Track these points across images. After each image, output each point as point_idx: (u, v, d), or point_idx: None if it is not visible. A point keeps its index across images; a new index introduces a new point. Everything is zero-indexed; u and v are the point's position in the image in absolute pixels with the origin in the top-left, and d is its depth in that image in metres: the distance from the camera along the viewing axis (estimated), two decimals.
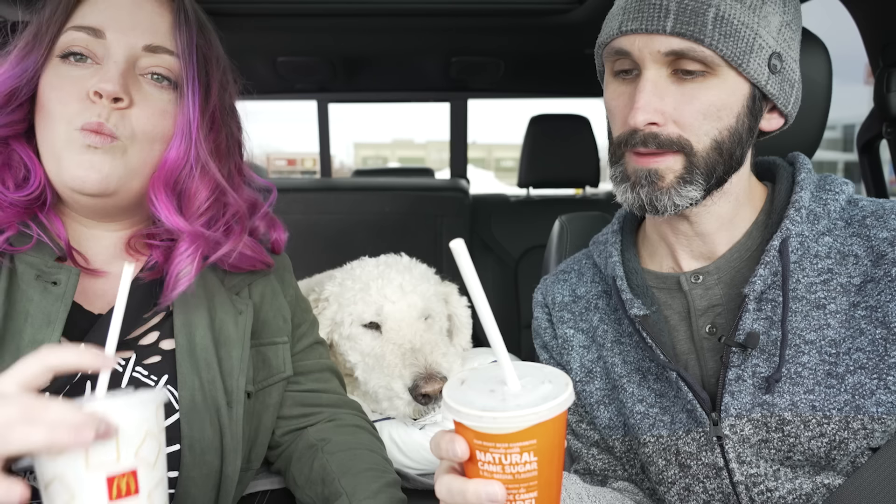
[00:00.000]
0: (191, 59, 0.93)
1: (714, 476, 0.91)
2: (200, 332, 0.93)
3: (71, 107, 0.87)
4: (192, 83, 0.93)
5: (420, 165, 9.46)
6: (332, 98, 3.54)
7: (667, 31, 0.82)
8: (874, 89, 1.48)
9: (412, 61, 2.76)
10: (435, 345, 1.23)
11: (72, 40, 0.89)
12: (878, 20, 1.45)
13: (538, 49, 2.43)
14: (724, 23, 0.82)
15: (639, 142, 0.86)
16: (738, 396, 0.88)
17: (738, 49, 0.83)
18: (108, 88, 0.86)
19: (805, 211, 0.90)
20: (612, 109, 0.92)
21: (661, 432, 0.95)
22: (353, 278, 1.33)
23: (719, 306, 0.93)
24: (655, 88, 0.84)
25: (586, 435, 1.06)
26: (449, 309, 1.41)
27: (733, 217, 0.94)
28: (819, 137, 1.18)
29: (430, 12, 1.97)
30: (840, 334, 0.85)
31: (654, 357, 0.93)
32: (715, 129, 0.85)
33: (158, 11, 0.93)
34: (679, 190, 0.86)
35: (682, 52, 0.82)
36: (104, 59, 0.89)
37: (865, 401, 0.82)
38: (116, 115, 0.88)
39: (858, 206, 0.91)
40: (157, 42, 0.91)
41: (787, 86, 0.89)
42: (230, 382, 0.95)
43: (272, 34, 2.25)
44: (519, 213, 2.80)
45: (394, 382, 1.18)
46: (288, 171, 12.71)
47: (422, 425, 1.22)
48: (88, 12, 0.90)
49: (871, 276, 0.85)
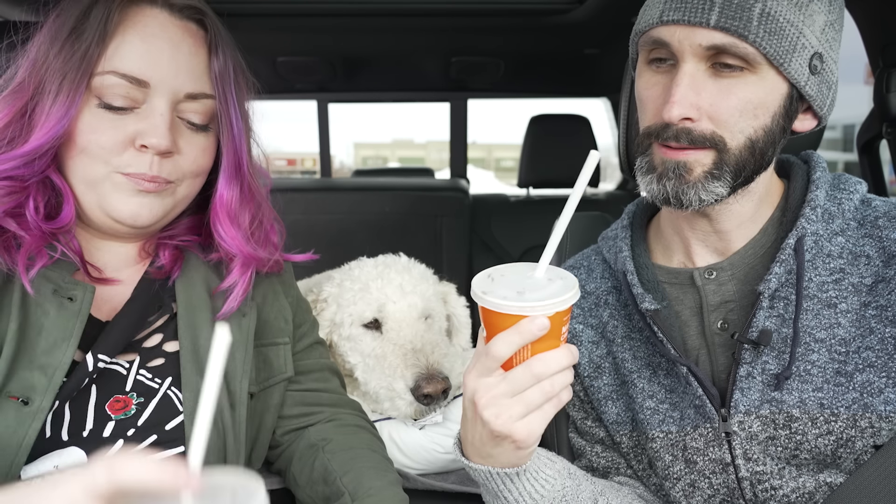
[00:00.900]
0: (231, 98, 0.95)
1: (720, 472, 0.91)
2: (204, 334, 0.94)
3: (113, 151, 0.87)
4: (237, 121, 0.96)
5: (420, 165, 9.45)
6: (332, 98, 3.54)
7: (710, 24, 0.79)
8: (874, 89, 1.48)
9: (412, 61, 2.77)
10: (436, 345, 1.23)
11: (110, 87, 0.86)
12: (878, 20, 1.45)
13: (538, 49, 2.43)
14: (769, 19, 0.79)
15: (671, 136, 0.84)
16: (747, 393, 0.88)
17: (781, 47, 0.80)
18: (162, 145, 0.87)
19: (820, 210, 0.89)
20: (644, 99, 0.90)
21: (671, 428, 0.95)
22: (351, 279, 1.32)
23: (732, 302, 0.93)
24: (693, 82, 0.82)
25: (591, 432, 1.06)
26: (448, 309, 1.41)
27: (754, 215, 0.93)
28: (819, 137, 1.18)
29: (430, 12, 1.97)
30: (850, 333, 0.85)
31: (665, 352, 0.92)
32: (751, 127, 0.83)
33: (195, 51, 0.92)
34: (706, 185, 0.84)
35: (724, 47, 0.79)
36: (144, 105, 0.88)
37: (874, 399, 0.82)
38: (166, 164, 0.89)
39: (871, 207, 0.91)
40: (199, 89, 0.92)
41: (826, 87, 0.86)
42: (233, 385, 0.95)
43: (272, 34, 2.25)
44: (519, 213, 2.80)
45: (395, 383, 1.18)
46: (288, 171, 12.70)
47: (422, 425, 1.22)
48: (126, 54, 0.86)
49: (883, 277, 0.85)
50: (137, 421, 0.86)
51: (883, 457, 0.82)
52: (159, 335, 0.94)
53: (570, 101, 3.58)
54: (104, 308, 0.93)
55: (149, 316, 0.95)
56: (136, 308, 0.93)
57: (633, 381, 0.99)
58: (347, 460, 1.00)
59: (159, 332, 0.95)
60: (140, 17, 0.88)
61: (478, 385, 0.73)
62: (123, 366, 0.90)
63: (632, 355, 1.00)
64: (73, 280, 0.87)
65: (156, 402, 0.89)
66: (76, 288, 0.86)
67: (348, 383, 1.30)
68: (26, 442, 0.78)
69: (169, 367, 0.92)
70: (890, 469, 0.81)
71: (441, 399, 1.17)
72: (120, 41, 0.87)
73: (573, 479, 0.90)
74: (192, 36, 0.92)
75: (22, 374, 0.80)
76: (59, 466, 0.81)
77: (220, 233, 0.98)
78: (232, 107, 0.95)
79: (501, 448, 0.76)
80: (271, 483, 1.12)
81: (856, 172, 1.34)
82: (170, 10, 0.91)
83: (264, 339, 1.04)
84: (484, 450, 0.78)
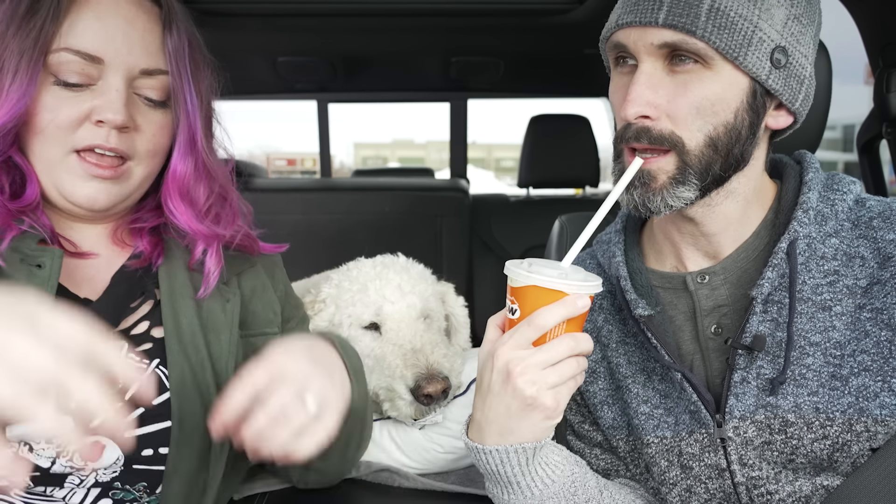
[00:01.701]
0: (185, 74, 0.95)
1: (716, 477, 0.91)
2: (187, 318, 0.95)
3: (69, 130, 0.87)
4: (191, 97, 0.96)
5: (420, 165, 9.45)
6: (332, 98, 3.54)
7: (659, 23, 0.81)
8: (874, 89, 1.48)
9: (412, 61, 2.77)
10: (436, 345, 1.23)
11: (66, 63, 0.87)
12: (878, 20, 1.45)
13: (538, 49, 2.43)
14: (718, 14, 0.80)
15: (631, 136, 0.85)
16: (742, 398, 0.87)
17: (733, 41, 0.80)
18: (117, 120, 0.87)
19: (813, 212, 0.88)
20: (613, 103, 0.92)
21: (665, 433, 0.94)
22: (350, 279, 1.32)
23: (725, 307, 0.92)
24: (649, 81, 0.83)
25: (589, 436, 1.06)
26: (446, 308, 1.41)
27: (741, 217, 0.92)
28: (819, 137, 1.18)
29: (429, 12, 1.97)
30: (845, 336, 0.84)
31: (659, 357, 0.92)
32: (709, 124, 0.83)
33: (149, 28, 0.93)
34: (672, 190, 0.85)
35: (675, 44, 0.81)
36: (100, 81, 0.89)
37: (869, 403, 0.81)
38: (124, 138, 0.90)
39: (866, 207, 0.90)
40: (153, 65, 0.92)
41: (795, 82, 0.85)
42: (219, 365, 0.96)
43: (272, 34, 2.25)
44: (519, 213, 2.80)
45: (395, 383, 1.17)
46: (288, 171, 12.70)
47: (422, 425, 1.22)
48: (81, 31, 0.87)
49: (878, 279, 0.84)
50: (125, 395, 0.86)
51: (880, 459, 0.81)
52: (146, 322, 0.95)
53: (570, 101, 3.58)
54: (85, 286, 0.93)
55: (131, 302, 0.95)
56: (117, 293, 0.94)
57: (628, 387, 0.99)
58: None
59: (146, 320, 0.96)
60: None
61: (512, 355, 0.77)
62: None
63: (626, 360, 1.00)
64: (40, 247, 0.87)
65: (144, 377, 0.89)
66: (43, 254, 0.86)
67: None
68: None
69: (156, 350, 0.93)
70: (888, 471, 0.80)
71: (441, 399, 1.17)
72: (74, 18, 0.87)
73: (580, 466, 0.91)
74: (147, 13, 0.93)
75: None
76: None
77: (171, 208, 0.98)
78: (186, 82, 0.94)
79: (529, 420, 0.79)
80: (270, 484, 1.13)
81: (855, 173, 1.34)
82: None
83: (254, 329, 1.05)
84: (508, 423, 0.80)
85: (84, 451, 0.56)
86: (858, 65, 2.16)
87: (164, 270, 0.98)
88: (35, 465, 0.82)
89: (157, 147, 0.95)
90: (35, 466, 0.82)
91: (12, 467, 0.52)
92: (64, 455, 0.82)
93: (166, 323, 0.94)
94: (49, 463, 0.82)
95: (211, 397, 0.92)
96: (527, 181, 2.85)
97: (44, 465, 0.82)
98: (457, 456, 1.21)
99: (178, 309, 0.95)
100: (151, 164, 0.96)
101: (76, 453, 0.79)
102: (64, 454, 0.82)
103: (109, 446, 0.84)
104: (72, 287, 0.92)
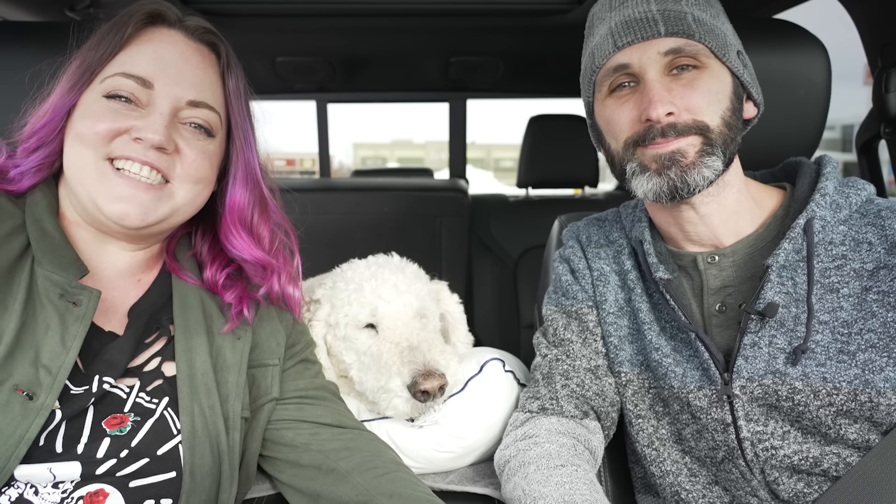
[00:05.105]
0: (243, 113, 1.02)
1: (721, 430, 0.98)
2: (201, 357, 0.96)
3: (106, 138, 0.91)
4: (246, 133, 1.03)
5: (419, 165, 9.46)
6: (332, 98, 3.54)
7: (661, 33, 0.93)
8: (873, 90, 1.48)
9: (411, 61, 2.76)
10: (432, 343, 1.23)
11: (119, 86, 0.92)
12: (878, 20, 1.45)
13: (538, 49, 2.43)
14: (701, 23, 0.94)
15: (657, 134, 0.93)
16: (751, 361, 0.94)
17: (719, 43, 0.94)
18: (155, 139, 0.91)
19: (829, 198, 0.96)
20: (615, 121, 0.98)
21: (673, 383, 1.02)
22: (345, 280, 1.32)
23: (731, 287, 1.00)
24: (662, 86, 0.93)
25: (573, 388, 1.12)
26: (441, 307, 1.41)
27: (738, 208, 1.00)
28: (818, 138, 1.18)
29: (429, 12, 1.97)
30: (852, 316, 0.91)
31: (676, 318, 1.00)
32: (720, 108, 0.94)
33: (202, 67, 0.98)
34: (704, 161, 0.93)
35: (679, 48, 0.93)
36: (148, 106, 0.93)
37: (875, 376, 0.87)
38: (162, 157, 0.93)
39: (875, 203, 0.97)
40: (201, 98, 0.97)
41: (751, 77, 1.00)
42: (227, 407, 0.96)
43: (272, 34, 2.25)
44: (518, 214, 2.80)
45: (392, 380, 1.17)
46: (287, 172, 12.70)
47: (420, 425, 1.22)
48: (138, 60, 0.93)
49: (885, 264, 0.91)
50: (131, 441, 0.87)
51: (887, 445, 0.86)
52: (158, 358, 0.96)
53: (570, 101, 3.58)
54: (102, 317, 0.95)
55: (147, 337, 0.97)
56: (137, 327, 0.96)
57: (645, 332, 1.07)
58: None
59: (158, 356, 0.96)
60: (156, 34, 0.97)
61: None
62: (124, 390, 0.91)
63: (647, 307, 1.08)
64: (80, 285, 0.90)
65: (151, 422, 0.90)
66: (82, 293, 0.89)
67: (343, 384, 1.29)
68: (28, 437, 0.80)
69: (166, 388, 0.94)
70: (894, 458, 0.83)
71: (438, 396, 1.17)
72: (134, 50, 0.94)
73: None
74: (202, 55, 0.99)
75: (28, 370, 0.83)
76: (52, 470, 0.82)
77: (230, 240, 1.03)
78: (243, 119, 1.03)
79: None
80: (266, 489, 1.12)
81: (854, 173, 1.34)
82: (185, 32, 0.99)
83: (253, 361, 1.05)
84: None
85: (88, 498, 0.57)
86: (857, 65, 2.16)
87: (179, 305, 0.99)
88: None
89: (199, 173, 0.97)
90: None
91: None
92: (68, 501, 0.82)
93: (179, 363, 0.94)
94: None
95: (221, 444, 0.93)
96: (526, 181, 2.85)
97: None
98: (456, 455, 1.21)
99: (192, 347, 0.96)
100: (194, 189, 0.98)
101: (80, 500, 0.81)
102: (69, 500, 0.82)
103: (113, 494, 0.85)
104: (97, 318, 0.93)
